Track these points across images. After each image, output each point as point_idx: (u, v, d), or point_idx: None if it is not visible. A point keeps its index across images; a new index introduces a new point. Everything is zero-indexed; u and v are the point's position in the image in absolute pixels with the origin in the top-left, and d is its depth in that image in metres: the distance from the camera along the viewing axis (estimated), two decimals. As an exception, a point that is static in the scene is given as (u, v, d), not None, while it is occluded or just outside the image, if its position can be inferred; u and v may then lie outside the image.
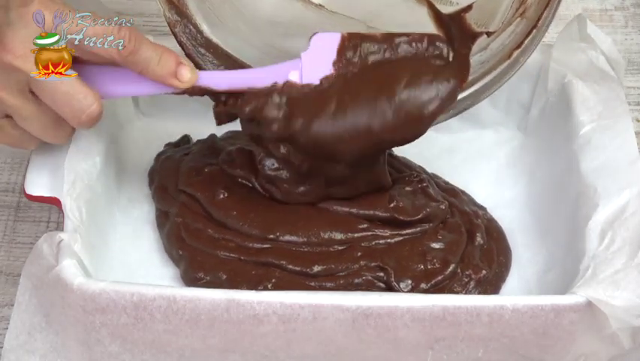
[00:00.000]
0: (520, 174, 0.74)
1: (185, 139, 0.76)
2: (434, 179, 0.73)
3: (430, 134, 0.76)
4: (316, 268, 0.65)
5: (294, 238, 0.66)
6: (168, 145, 0.75)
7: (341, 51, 0.64)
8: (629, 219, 0.61)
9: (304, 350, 0.58)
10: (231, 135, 0.75)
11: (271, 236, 0.66)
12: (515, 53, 0.63)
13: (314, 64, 0.64)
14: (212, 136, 0.75)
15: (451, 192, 0.73)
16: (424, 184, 0.70)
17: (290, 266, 0.65)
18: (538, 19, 0.62)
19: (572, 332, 0.57)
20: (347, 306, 0.56)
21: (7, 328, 0.60)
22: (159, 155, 0.74)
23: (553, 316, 0.56)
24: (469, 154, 0.76)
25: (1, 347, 0.62)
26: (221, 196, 0.68)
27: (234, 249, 0.66)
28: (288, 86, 0.63)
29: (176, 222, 0.68)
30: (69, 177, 0.63)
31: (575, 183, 0.65)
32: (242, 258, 0.66)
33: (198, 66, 0.66)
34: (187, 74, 0.62)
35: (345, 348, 0.58)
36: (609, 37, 0.71)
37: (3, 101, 0.58)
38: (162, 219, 0.70)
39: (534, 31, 0.63)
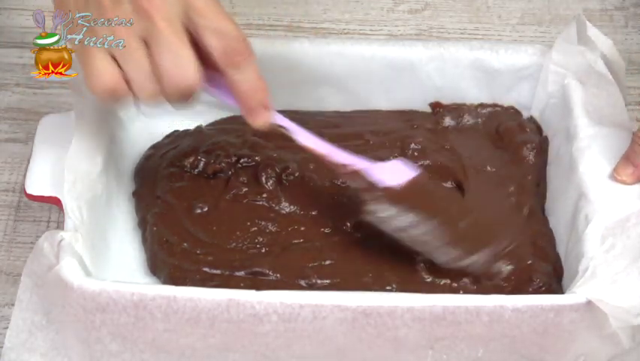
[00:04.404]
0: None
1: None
2: None
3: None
4: (320, 282, 0.63)
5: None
6: (154, 147, 0.74)
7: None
8: (631, 229, 0.60)
9: (304, 349, 0.58)
10: (218, 122, 0.74)
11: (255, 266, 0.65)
12: None
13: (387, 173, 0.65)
14: (198, 128, 0.74)
15: None
16: None
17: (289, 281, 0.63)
18: None
19: (572, 332, 0.57)
20: (347, 305, 0.56)
21: (7, 327, 0.60)
22: (144, 156, 0.73)
23: (553, 315, 0.56)
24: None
25: (2, 347, 0.62)
26: (199, 211, 0.67)
27: (214, 263, 0.65)
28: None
29: (153, 231, 0.67)
30: (70, 176, 0.63)
31: (576, 185, 0.65)
32: (226, 273, 0.64)
33: None
34: (262, 120, 0.62)
35: (346, 347, 0.58)
36: (609, 40, 0.71)
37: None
38: (142, 226, 0.68)
39: None
